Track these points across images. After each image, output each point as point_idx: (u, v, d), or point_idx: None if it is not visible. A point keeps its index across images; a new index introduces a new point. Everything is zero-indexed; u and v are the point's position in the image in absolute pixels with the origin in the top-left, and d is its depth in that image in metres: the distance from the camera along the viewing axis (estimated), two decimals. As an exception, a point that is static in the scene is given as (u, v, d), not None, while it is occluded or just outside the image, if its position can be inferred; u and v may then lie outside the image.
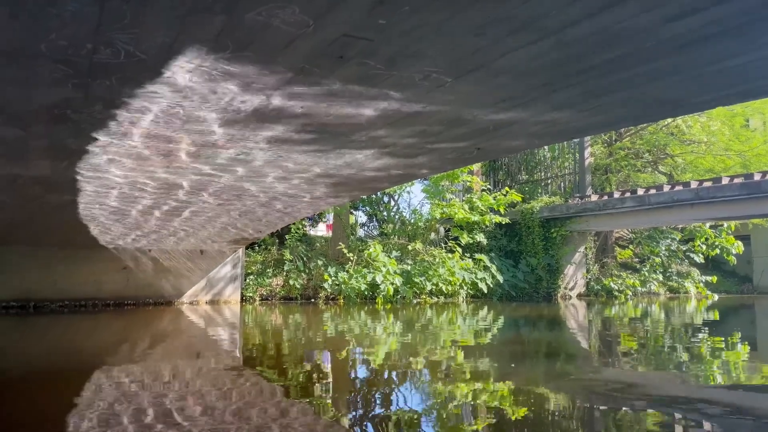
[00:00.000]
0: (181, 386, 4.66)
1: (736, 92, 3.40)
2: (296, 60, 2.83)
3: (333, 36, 2.47)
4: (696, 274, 21.61)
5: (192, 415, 3.64)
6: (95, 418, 3.57)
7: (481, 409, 4.11)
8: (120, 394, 4.28)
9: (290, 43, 2.62)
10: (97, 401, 4.06)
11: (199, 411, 3.76)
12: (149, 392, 4.38)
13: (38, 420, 3.73)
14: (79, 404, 4.00)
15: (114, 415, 3.63)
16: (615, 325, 10.97)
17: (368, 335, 8.64)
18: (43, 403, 4.21)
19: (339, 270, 15.11)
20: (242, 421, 3.53)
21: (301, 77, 3.04)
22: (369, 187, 7.31)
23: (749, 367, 6.29)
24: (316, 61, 2.85)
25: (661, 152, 22.51)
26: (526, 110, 3.57)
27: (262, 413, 3.75)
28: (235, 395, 4.34)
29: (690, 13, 2.11)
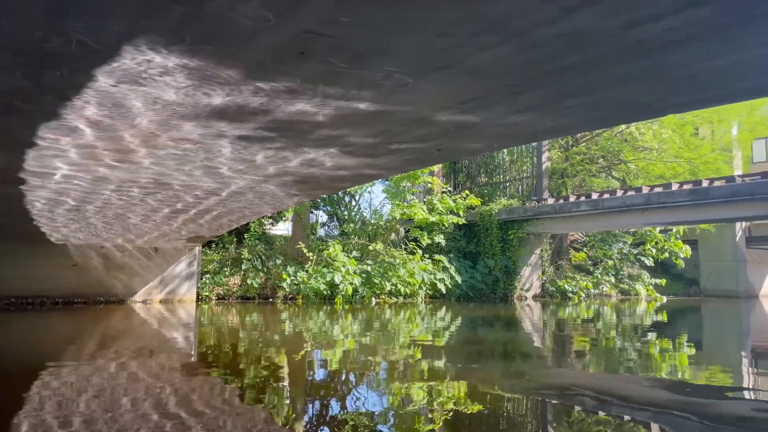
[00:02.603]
0: (130, 388, 4.50)
1: (698, 98, 3.49)
2: (257, 55, 2.75)
3: (295, 32, 2.41)
4: (646, 276, 22.31)
5: (141, 419, 3.51)
6: (33, 421, 3.40)
7: (437, 408, 4.11)
8: (63, 398, 4.10)
9: (251, 38, 2.54)
10: (37, 404, 3.88)
11: (150, 414, 3.63)
12: (96, 395, 4.21)
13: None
14: (19, 407, 3.81)
15: (55, 418, 3.47)
16: (569, 326, 11.19)
17: (327, 335, 8.57)
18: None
19: (298, 269, 14.97)
20: (196, 423, 3.42)
21: (261, 73, 2.96)
22: (330, 186, 7.25)
23: (695, 367, 6.49)
24: (278, 57, 2.78)
25: (615, 158, 23.13)
26: (489, 112, 3.58)
27: (214, 415, 3.65)
28: (188, 397, 4.21)
29: (651, 20, 2.14)
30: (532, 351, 7.84)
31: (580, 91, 2.99)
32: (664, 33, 2.23)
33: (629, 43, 2.33)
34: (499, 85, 3.01)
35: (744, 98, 3.57)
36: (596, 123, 4.63)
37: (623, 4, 2.03)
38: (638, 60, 2.52)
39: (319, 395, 4.59)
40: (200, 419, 3.58)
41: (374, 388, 4.87)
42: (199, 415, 3.67)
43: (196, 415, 3.69)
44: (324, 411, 4.07)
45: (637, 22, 2.14)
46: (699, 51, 2.43)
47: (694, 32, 2.24)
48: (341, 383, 5.04)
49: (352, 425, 3.61)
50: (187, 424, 3.46)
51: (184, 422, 3.49)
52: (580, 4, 2.03)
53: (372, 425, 3.66)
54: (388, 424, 3.76)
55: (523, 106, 3.35)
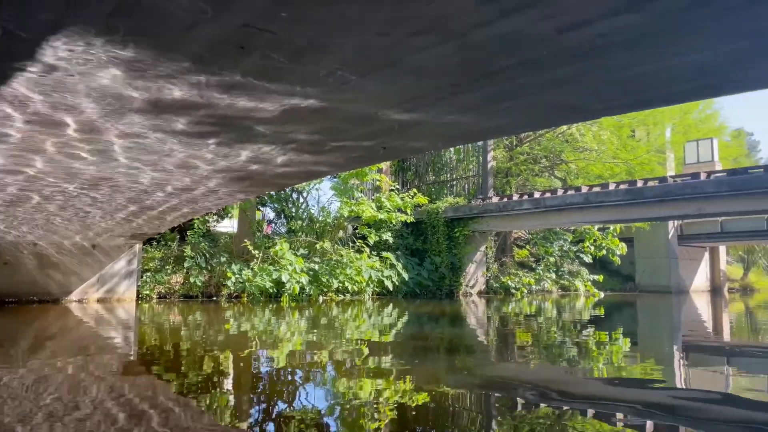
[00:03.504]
0: (65, 390, 4.33)
1: (630, 101, 3.63)
2: (195, 48, 2.70)
3: (234, 26, 2.37)
4: (585, 273, 23.11)
5: (77, 422, 3.38)
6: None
7: (383, 403, 4.14)
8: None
9: (188, 30, 2.49)
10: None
11: (85, 417, 3.50)
12: (27, 398, 4.03)
13: None
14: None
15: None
16: (511, 321, 11.47)
17: (273, 334, 8.48)
18: None
19: (243, 267, 14.73)
20: (135, 425, 3.32)
21: (200, 66, 2.90)
22: (274, 183, 7.17)
23: (630, 360, 6.78)
24: (217, 51, 2.73)
25: (556, 158, 23.85)
26: (432, 111, 3.62)
27: (154, 416, 3.55)
28: (127, 398, 4.09)
29: (583, 25, 2.22)
30: (476, 346, 8.00)
31: (517, 92, 3.07)
32: (594, 38, 2.32)
33: (562, 47, 2.42)
34: (440, 84, 3.05)
35: (670, 103, 3.75)
36: (533, 124, 4.77)
37: (556, 9, 2.10)
38: (571, 64, 2.62)
39: (265, 393, 4.54)
40: (139, 421, 3.48)
41: (320, 385, 4.86)
42: (139, 417, 3.57)
43: (135, 416, 3.59)
44: (269, 409, 4.03)
45: (570, 26, 2.22)
46: (628, 56, 2.53)
47: (623, 38, 2.33)
48: (287, 381, 5.00)
49: (297, 422, 3.59)
50: (125, 426, 3.36)
51: (122, 425, 3.39)
52: (515, 8, 2.09)
53: (317, 421, 3.66)
54: (333, 420, 3.76)
55: (464, 106, 3.41)
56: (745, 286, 32.09)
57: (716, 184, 13.86)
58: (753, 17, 2.19)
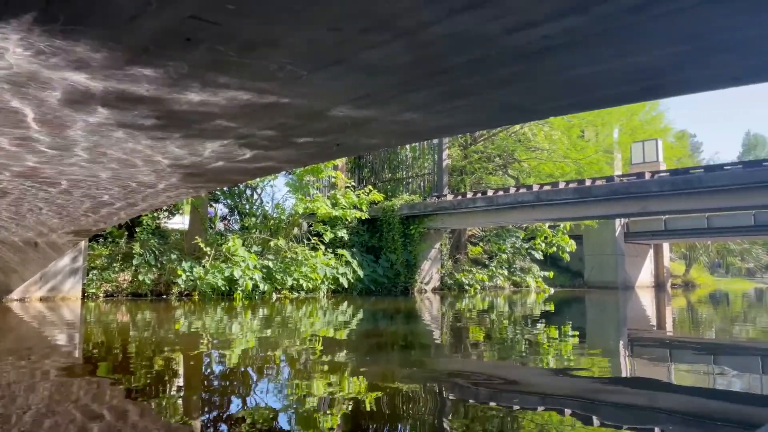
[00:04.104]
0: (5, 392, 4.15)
1: (576, 102, 3.73)
2: (139, 40, 2.62)
3: (179, 17, 2.32)
4: (536, 269, 23.65)
5: (19, 425, 3.25)
6: None
7: (338, 400, 4.13)
8: None
9: (131, 21, 2.42)
10: None
11: (27, 420, 3.36)
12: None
13: None
14: None
15: None
16: (465, 317, 11.63)
17: (224, 332, 8.34)
18: None
19: (194, 265, 14.44)
20: (79, 428, 3.22)
21: (145, 58, 2.83)
22: (226, 179, 7.05)
23: (578, 354, 6.98)
24: (162, 43, 2.66)
25: (510, 157, 24.30)
26: (384, 109, 3.63)
27: (100, 418, 3.45)
28: (72, 400, 3.95)
29: (528, 27, 2.27)
30: (430, 342, 8.08)
31: (467, 91, 3.11)
32: (541, 39, 2.37)
33: (510, 47, 2.46)
34: (391, 82, 3.06)
35: (614, 104, 3.87)
36: (484, 123, 4.85)
37: (504, 10, 2.14)
38: (518, 64, 2.67)
39: (216, 393, 4.47)
40: (85, 425, 3.37)
41: (274, 384, 4.81)
42: (84, 420, 3.46)
43: (80, 420, 3.47)
44: (221, 409, 3.96)
45: (517, 27, 2.26)
46: (573, 58, 2.60)
47: (568, 40, 2.40)
48: (240, 380, 4.93)
49: (250, 422, 3.55)
50: (68, 430, 3.24)
51: (67, 429, 3.27)
52: (463, 7, 2.12)
53: (270, 420, 3.62)
54: (287, 419, 3.73)
55: (415, 103, 3.44)
56: (687, 282, 33.46)
57: (659, 184, 14.39)
58: (691, 22, 2.28)
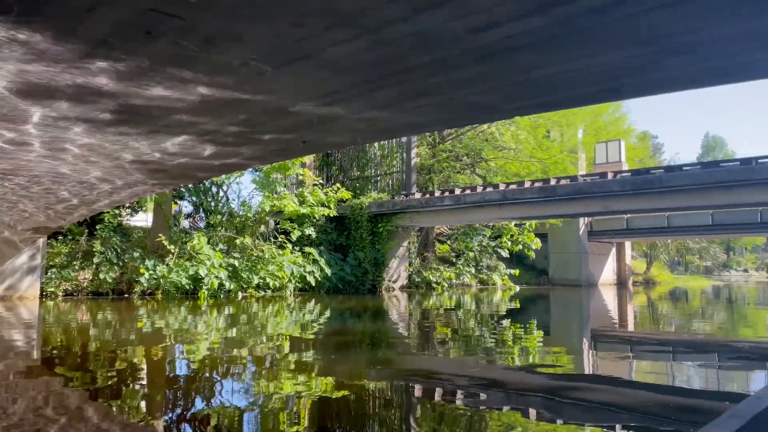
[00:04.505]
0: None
1: (539, 102, 3.78)
2: (97, 32, 2.55)
3: (138, 9, 2.26)
4: (502, 267, 23.94)
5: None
6: None
7: (305, 399, 4.10)
8: None
9: (89, 12, 2.35)
10: None
11: (-29, 426, 3.24)
12: None
13: None
14: None
15: None
16: (432, 315, 11.70)
17: (189, 331, 8.21)
18: None
19: (158, 263, 14.16)
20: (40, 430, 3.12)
21: (104, 51, 2.75)
22: (191, 176, 6.93)
23: (543, 350, 7.08)
24: (122, 35, 2.59)
25: (477, 156, 24.51)
26: (349, 106, 3.62)
27: (59, 420, 3.35)
28: (31, 402, 3.83)
29: (491, 27, 2.28)
30: (397, 340, 8.10)
31: (431, 90, 3.12)
32: (503, 39, 2.39)
33: (473, 47, 2.48)
34: (357, 80, 3.05)
35: (576, 104, 3.94)
36: (449, 121, 4.88)
37: (467, 9, 2.15)
38: (482, 63, 2.69)
39: (180, 393, 4.39)
40: (44, 425, 3.27)
41: (238, 383, 4.75)
42: (43, 421, 3.35)
43: (38, 421, 3.36)
44: (185, 409, 3.90)
45: (479, 27, 2.28)
46: (535, 58, 2.63)
47: (529, 41, 2.42)
48: (204, 381, 4.85)
49: (214, 423, 3.49)
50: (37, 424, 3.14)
51: (26, 430, 3.17)
52: (427, 6, 2.12)
53: (235, 420, 3.57)
54: (251, 418, 3.68)
55: (381, 102, 3.43)
56: (647, 280, 34.32)
57: (621, 184, 14.71)
58: (649, 25, 2.33)
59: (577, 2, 2.04)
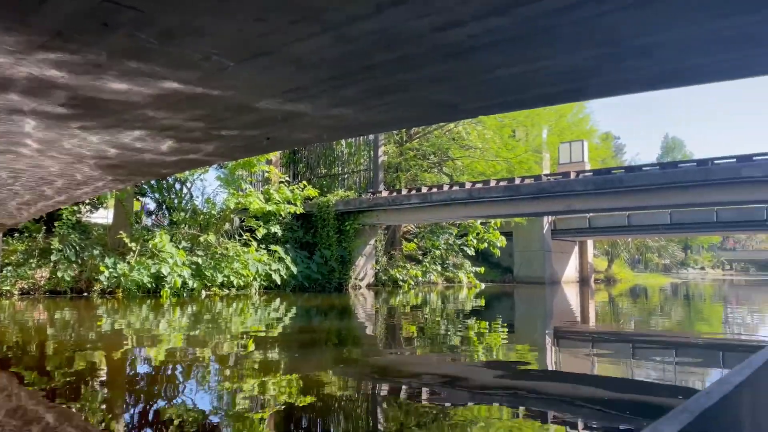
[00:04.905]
0: None
1: (503, 102, 3.80)
2: (52, 22, 2.46)
3: (94, 0, 2.19)
4: (468, 265, 24.18)
5: None
6: None
7: (270, 399, 4.06)
8: None
9: (43, 3, 2.27)
10: None
11: None
12: None
13: None
14: None
15: None
16: (399, 313, 11.73)
17: (150, 330, 8.04)
18: None
19: (118, 261, 13.84)
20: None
21: (58, 42, 2.66)
22: (152, 172, 6.78)
23: (507, 347, 7.17)
24: (77, 27, 2.51)
25: (444, 155, 24.68)
26: (314, 103, 3.59)
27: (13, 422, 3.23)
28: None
29: (455, 25, 2.29)
30: (363, 338, 8.09)
31: (396, 88, 3.12)
32: (467, 39, 2.40)
33: (437, 45, 2.48)
34: (321, 76, 3.03)
35: (539, 104, 3.99)
36: (415, 120, 4.89)
37: (430, 8, 2.15)
38: (446, 62, 2.69)
39: (139, 396, 4.29)
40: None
41: (200, 384, 4.68)
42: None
43: None
44: (144, 412, 3.81)
45: (443, 26, 2.28)
46: (498, 58, 2.65)
47: (491, 40, 2.44)
48: (164, 381, 4.76)
49: (176, 425, 3.42)
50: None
51: (-39, 436, 3.05)
52: (390, 3, 2.11)
53: (198, 421, 3.51)
54: (214, 419, 3.63)
55: (346, 99, 3.41)
56: (609, 277, 35.13)
57: (583, 183, 15.01)
58: (609, 26, 2.37)
59: (538, 3, 2.06)
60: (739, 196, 13.48)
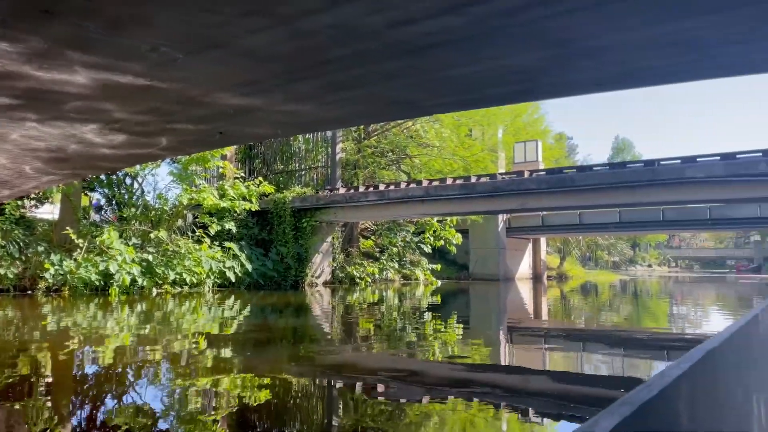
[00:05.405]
0: None
1: (457, 100, 3.84)
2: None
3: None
4: (425, 262, 24.36)
5: None
6: None
7: (221, 400, 3.99)
8: None
9: (-22, -16, 2.16)
10: None
11: None
12: None
13: None
14: None
15: None
16: (355, 310, 11.72)
17: (97, 329, 7.79)
18: None
19: (65, 258, 13.35)
20: None
21: (0, 31, 2.55)
22: (99, 166, 6.58)
23: (462, 342, 7.26)
24: (18, 14, 2.41)
25: (402, 153, 24.76)
26: (268, 98, 3.54)
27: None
28: None
29: (410, 23, 2.30)
30: (319, 335, 8.05)
31: (351, 84, 3.11)
32: (422, 36, 2.41)
33: (392, 42, 2.49)
34: (275, 71, 2.99)
35: (493, 104, 4.05)
36: (372, 116, 4.89)
37: (384, 4, 2.15)
38: (401, 59, 2.70)
39: (87, 397, 4.15)
40: None
41: (148, 385, 4.55)
42: None
43: None
44: (91, 415, 3.68)
45: (398, 22, 2.28)
46: (452, 56, 2.68)
47: (447, 38, 2.46)
48: (114, 382, 4.61)
49: (124, 429, 3.32)
50: None
51: None
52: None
53: (148, 425, 3.41)
54: (166, 424, 3.53)
55: (302, 94, 3.38)
56: (561, 274, 36.00)
57: (537, 182, 15.33)
58: (558, 28, 2.43)
59: (490, 3, 2.09)
60: (684, 195, 14.01)
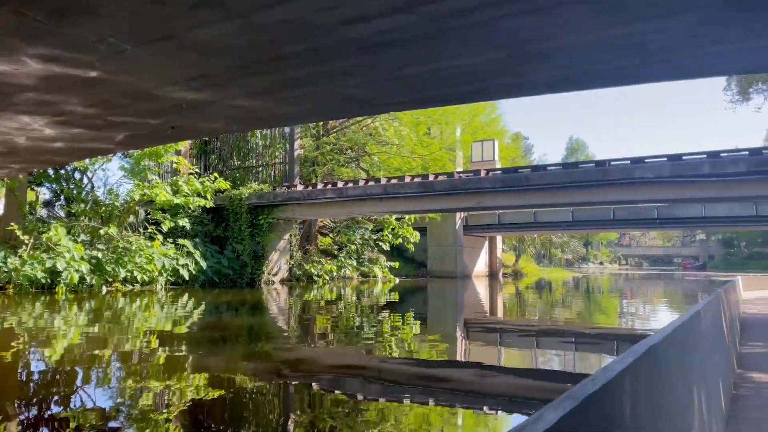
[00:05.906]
0: None
1: (412, 99, 3.86)
2: None
3: (-30, -31, 2.01)
4: (383, 260, 24.43)
5: None
6: None
7: (173, 400, 3.90)
8: None
9: None
10: None
11: None
12: None
13: None
14: None
15: None
16: (313, 308, 11.66)
17: (43, 329, 7.51)
18: None
19: (9, 254, 12.83)
20: None
21: (-70, 14, 2.42)
22: (46, 160, 6.34)
23: (419, 339, 7.31)
24: (-48, -3, 2.29)
25: (361, 150, 24.75)
26: (221, 92, 3.49)
27: None
28: None
29: (363, 20, 2.30)
30: (275, 333, 7.97)
31: (306, 80, 3.09)
32: (375, 34, 2.41)
33: (346, 39, 2.48)
34: (228, 65, 2.94)
35: (448, 103, 4.09)
36: (327, 113, 4.87)
37: (336, 1, 2.14)
38: (355, 56, 2.70)
39: (33, 399, 3.99)
40: None
41: (100, 385, 4.42)
42: None
43: None
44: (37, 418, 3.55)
45: (351, 20, 2.28)
46: (405, 55, 2.69)
47: (400, 37, 2.47)
48: (61, 383, 4.46)
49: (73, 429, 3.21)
50: None
51: None
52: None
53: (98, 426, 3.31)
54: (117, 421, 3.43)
55: (255, 89, 3.34)
56: (516, 272, 36.68)
57: (493, 181, 15.57)
58: (510, 30, 2.46)
59: (442, 2, 2.11)
60: (633, 195, 14.46)
